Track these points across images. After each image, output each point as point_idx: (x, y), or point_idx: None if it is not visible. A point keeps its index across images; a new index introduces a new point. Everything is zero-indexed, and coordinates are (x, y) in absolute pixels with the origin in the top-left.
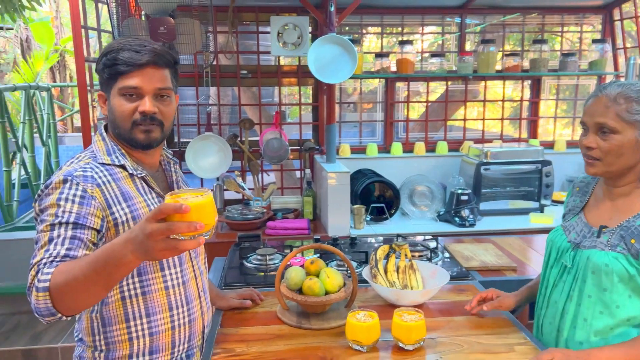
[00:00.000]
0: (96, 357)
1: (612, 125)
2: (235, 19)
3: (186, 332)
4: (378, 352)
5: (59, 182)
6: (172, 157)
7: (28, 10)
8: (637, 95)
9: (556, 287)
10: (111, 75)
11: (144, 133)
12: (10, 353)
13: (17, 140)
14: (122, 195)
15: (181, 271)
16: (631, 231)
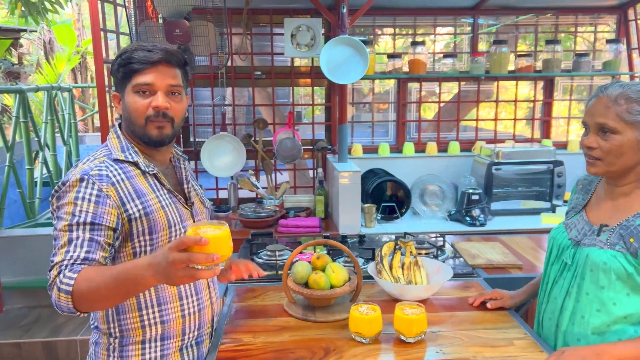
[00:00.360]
0: (111, 342)
1: (613, 125)
2: (250, 21)
3: (196, 320)
4: (380, 344)
5: (75, 180)
6: (182, 154)
7: (51, 13)
8: (637, 96)
9: (556, 283)
10: (125, 73)
11: (157, 129)
12: (31, 344)
13: (39, 140)
14: (135, 193)
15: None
16: (630, 230)
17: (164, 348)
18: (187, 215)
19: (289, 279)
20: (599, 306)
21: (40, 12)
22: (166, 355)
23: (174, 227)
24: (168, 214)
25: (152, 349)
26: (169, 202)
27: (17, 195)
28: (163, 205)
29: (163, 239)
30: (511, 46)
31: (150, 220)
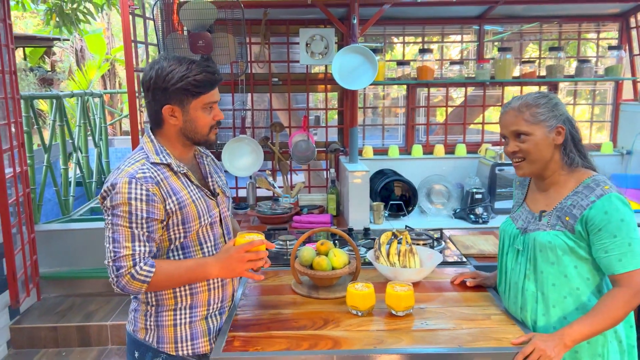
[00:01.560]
0: (148, 310)
1: (525, 129)
2: (268, 31)
3: (219, 294)
4: (373, 316)
5: (124, 183)
6: (203, 151)
7: (83, 23)
8: (534, 102)
9: (513, 270)
10: (194, 93)
11: (215, 135)
12: (67, 328)
13: (73, 142)
14: (172, 190)
15: (215, 246)
16: (564, 211)
17: (192, 315)
18: (213, 205)
19: (296, 262)
20: (554, 280)
21: (73, 22)
22: (194, 322)
23: (203, 218)
24: (198, 206)
25: (182, 316)
26: (198, 196)
27: (50, 194)
28: (194, 200)
29: (193, 228)
30: (516, 53)
31: (184, 213)
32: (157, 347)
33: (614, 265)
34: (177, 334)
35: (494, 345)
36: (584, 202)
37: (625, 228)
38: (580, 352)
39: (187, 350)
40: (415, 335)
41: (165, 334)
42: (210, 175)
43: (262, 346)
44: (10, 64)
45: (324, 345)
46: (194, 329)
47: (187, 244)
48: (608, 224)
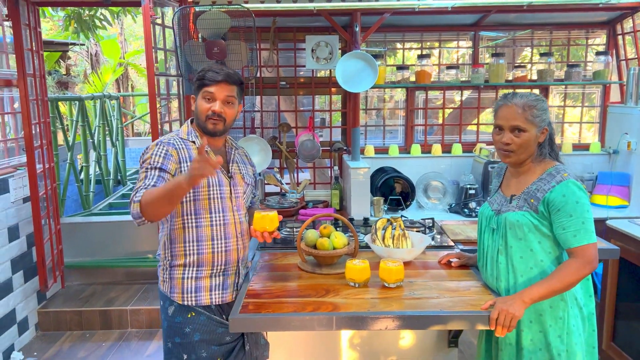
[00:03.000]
0: (165, 264)
1: (524, 126)
2: (276, 38)
3: (222, 258)
4: (368, 288)
5: (153, 145)
6: (236, 144)
7: (99, 29)
8: (535, 104)
9: (489, 246)
10: (199, 85)
11: (212, 125)
12: (90, 312)
13: (93, 141)
14: (189, 158)
15: (223, 217)
16: (530, 194)
17: (198, 272)
18: (226, 183)
19: (301, 243)
20: (521, 254)
21: (90, 28)
22: (199, 278)
23: (213, 187)
24: (209, 176)
25: (190, 272)
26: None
27: (70, 191)
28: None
29: (202, 194)
30: (509, 58)
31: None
32: (170, 296)
33: (569, 240)
34: (184, 286)
35: (470, 309)
36: (546, 187)
37: (580, 209)
38: (544, 316)
39: (191, 301)
40: (404, 302)
41: (176, 285)
42: (232, 162)
43: (272, 309)
44: (40, 69)
45: (325, 309)
46: (198, 284)
47: (198, 210)
48: (565, 205)
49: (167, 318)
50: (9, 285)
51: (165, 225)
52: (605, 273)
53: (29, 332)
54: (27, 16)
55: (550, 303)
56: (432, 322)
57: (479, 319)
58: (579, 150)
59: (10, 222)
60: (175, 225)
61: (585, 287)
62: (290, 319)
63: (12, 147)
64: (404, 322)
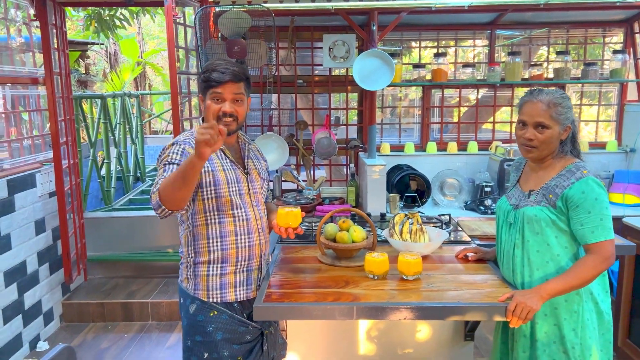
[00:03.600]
0: (188, 261)
1: (548, 123)
2: (294, 37)
3: (246, 253)
4: (386, 280)
5: (170, 144)
6: (249, 139)
7: (119, 28)
8: (560, 102)
9: (506, 240)
10: (206, 86)
11: (225, 125)
12: (112, 305)
13: (114, 138)
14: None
15: (245, 213)
16: (549, 190)
17: (223, 268)
18: (243, 179)
19: (321, 236)
20: (538, 248)
21: (110, 28)
22: (224, 274)
23: (231, 184)
24: (226, 173)
25: (214, 268)
26: (229, 167)
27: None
28: (225, 169)
29: (223, 191)
30: (525, 57)
31: (215, 176)
32: (194, 293)
33: (587, 236)
34: (209, 283)
35: (488, 301)
36: (565, 183)
37: (599, 206)
38: (559, 309)
39: (216, 298)
40: (422, 294)
41: (200, 282)
42: (247, 158)
43: (294, 299)
44: (66, 68)
45: (345, 299)
46: (223, 280)
47: (220, 207)
48: (584, 201)
49: (188, 316)
50: (35, 277)
51: (187, 222)
52: (622, 270)
53: (54, 323)
54: (54, 16)
55: (565, 297)
56: (450, 313)
57: (496, 311)
58: (596, 148)
59: (37, 215)
60: (198, 222)
61: (602, 283)
62: (312, 308)
63: (38, 143)
64: (422, 313)
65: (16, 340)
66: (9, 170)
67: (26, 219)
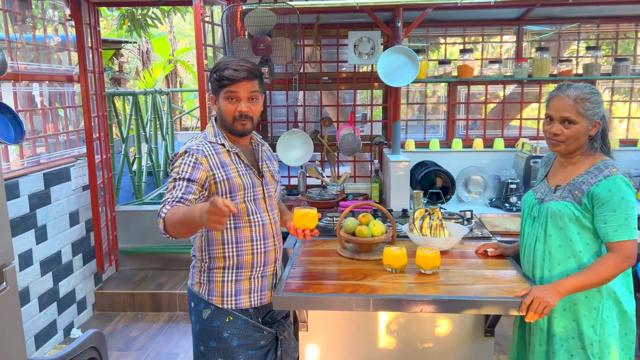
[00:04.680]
0: (202, 266)
1: (574, 118)
2: (319, 34)
3: (262, 258)
4: (404, 274)
5: (182, 152)
6: (261, 140)
7: (151, 27)
8: (588, 97)
9: (529, 234)
10: (219, 86)
11: (241, 126)
12: (142, 295)
13: (145, 134)
14: (220, 163)
15: (260, 218)
16: (575, 186)
17: (238, 275)
18: (258, 183)
19: (341, 230)
20: (560, 242)
21: (143, 26)
22: (239, 280)
23: (248, 190)
24: (243, 180)
25: (229, 275)
26: (245, 172)
27: (123, 182)
28: (240, 174)
29: (240, 198)
30: (554, 53)
31: (231, 184)
32: (207, 299)
33: (610, 234)
34: (224, 289)
35: (505, 295)
36: (592, 180)
37: (625, 205)
38: (579, 305)
39: (231, 304)
40: (439, 287)
41: (215, 288)
42: (261, 160)
43: (313, 289)
44: (99, 65)
45: (363, 290)
46: (238, 287)
47: (237, 212)
48: (610, 200)
49: (201, 321)
50: (69, 266)
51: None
52: None
53: (86, 312)
54: (88, 16)
55: (585, 294)
56: (466, 307)
57: (512, 305)
58: (627, 146)
59: (72, 208)
60: None
61: (625, 283)
62: (330, 298)
63: (72, 139)
64: (438, 306)
65: (51, 326)
66: (46, 164)
67: (61, 210)
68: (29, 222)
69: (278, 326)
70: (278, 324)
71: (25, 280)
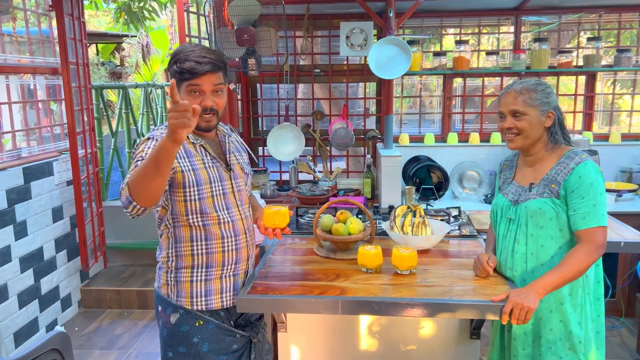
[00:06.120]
0: (169, 266)
1: (522, 109)
2: (311, 25)
3: (233, 256)
4: (380, 274)
5: (145, 139)
6: (227, 131)
7: (148, 20)
8: (534, 88)
9: (505, 237)
10: (180, 79)
11: (205, 122)
12: (129, 292)
13: (137, 129)
14: (185, 153)
15: (229, 213)
16: (550, 179)
17: (208, 274)
18: (226, 177)
19: (318, 228)
20: (542, 242)
21: (140, 19)
22: (209, 280)
23: (214, 183)
24: (209, 172)
25: (198, 274)
26: (211, 164)
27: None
28: (206, 166)
29: (206, 191)
30: (552, 43)
31: (197, 175)
32: (176, 301)
33: (578, 222)
34: (193, 290)
35: (482, 298)
36: (565, 170)
37: (593, 191)
38: (565, 304)
39: (201, 306)
40: (415, 289)
41: (183, 289)
42: (229, 152)
43: (279, 291)
44: (84, 58)
45: (332, 292)
46: (208, 287)
47: (204, 209)
48: (580, 186)
49: (169, 326)
50: (52, 263)
51: (168, 223)
52: None
53: (72, 308)
54: (70, 6)
55: (569, 290)
56: (439, 310)
57: (489, 309)
58: (629, 140)
59: (55, 203)
60: (180, 222)
61: (595, 272)
62: (295, 301)
63: (59, 133)
64: (410, 309)
65: (32, 324)
66: (26, 158)
67: (43, 206)
68: (7, 217)
69: (252, 328)
70: (252, 326)
71: (3, 277)
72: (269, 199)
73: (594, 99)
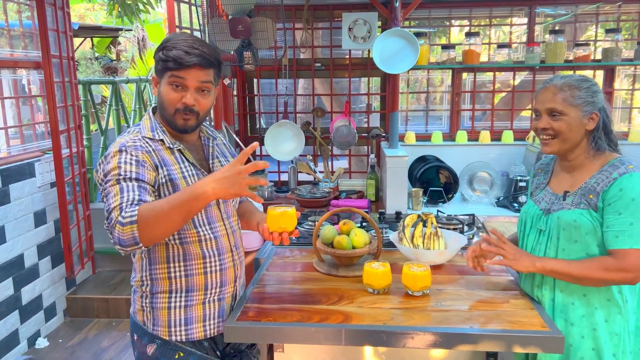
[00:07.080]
0: (144, 290)
1: (561, 108)
2: (311, 17)
3: (217, 278)
4: (388, 295)
5: (115, 152)
6: (212, 133)
7: (143, 13)
8: (577, 84)
9: (534, 250)
10: (164, 67)
11: (183, 120)
12: (117, 300)
13: (128, 125)
14: (162, 162)
15: (211, 229)
16: (588, 189)
17: (188, 299)
18: None
19: (318, 240)
20: (576, 257)
21: (134, 12)
22: (189, 306)
23: None
24: (187, 181)
25: (177, 299)
26: (191, 173)
27: None
28: (185, 175)
29: None
30: (569, 36)
31: (175, 186)
32: (152, 330)
33: (610, 241)
34: (171, 318)
35: (508, 327)
36: (607, 180)
37: (633, 208)
38: (599, 330)
39: (180, 336)
40: (429, 315)
41: (160, 316)
42: (212, 157)
43: (274, 317)
44: (68, 50)
45: (334, 319)
46: (188, 314)
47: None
48: (618, 200)
49: (145, 357)
50: (35, 270)
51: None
52: None
53: (56, 318)
54: None
55: (605, 317)
56: (459, 342)
57: (516, 340)
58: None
59: (37, 207)
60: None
61: (637, 302)
62: (292, 329)
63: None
64: (425, 340)
65: (12, 337)
66: (5, 159)
67: (23, 210)
68: None
69: (242, 358)
70: (242, 355)
71: None
72: (266, 202)
73: (612, 94)
